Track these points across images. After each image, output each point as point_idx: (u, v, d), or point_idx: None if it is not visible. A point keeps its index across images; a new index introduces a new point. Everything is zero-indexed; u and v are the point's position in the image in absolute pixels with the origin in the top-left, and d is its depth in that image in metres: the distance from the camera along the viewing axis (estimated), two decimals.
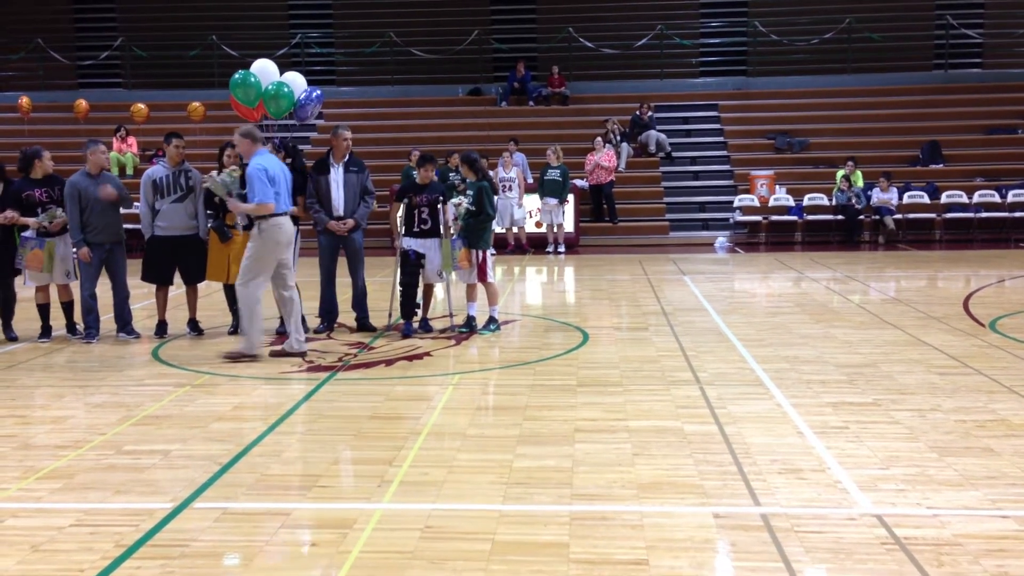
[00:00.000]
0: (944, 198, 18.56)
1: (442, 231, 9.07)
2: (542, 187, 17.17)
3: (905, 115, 21.55)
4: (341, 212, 9.14)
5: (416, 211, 9.04)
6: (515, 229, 17.20)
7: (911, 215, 18.32)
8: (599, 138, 18.62)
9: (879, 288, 12.41)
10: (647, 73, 23.80)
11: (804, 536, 4.23)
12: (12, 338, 9.03)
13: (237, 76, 9.60)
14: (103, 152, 9.04)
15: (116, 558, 4.09)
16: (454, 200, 8.95)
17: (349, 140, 9.17)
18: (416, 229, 9.05)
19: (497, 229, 16.92)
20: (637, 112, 20.97)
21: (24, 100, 21.60)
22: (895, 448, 5.47)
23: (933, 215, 18.46)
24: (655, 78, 23.58)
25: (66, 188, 8.78)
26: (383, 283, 10.85)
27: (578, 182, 18.08)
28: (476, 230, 9.03)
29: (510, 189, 16.91)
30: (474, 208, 8.91)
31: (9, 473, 5.24)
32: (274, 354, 8.25)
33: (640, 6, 25.07)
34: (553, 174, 17.08)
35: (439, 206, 9.03)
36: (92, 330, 8.99)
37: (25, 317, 9.43)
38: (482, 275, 9.13)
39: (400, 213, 9.18)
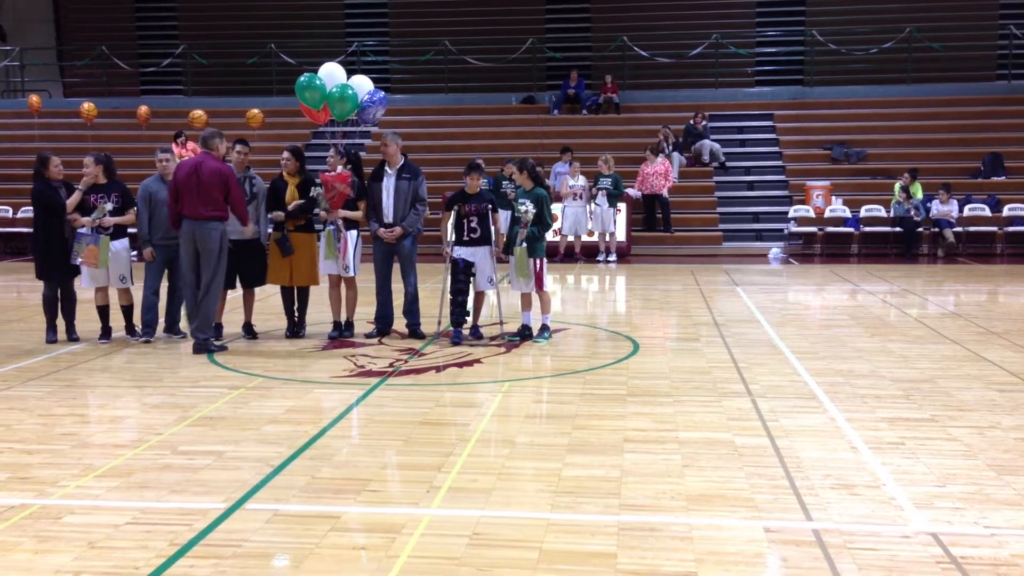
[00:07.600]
0: (1006, 211, 18.15)
1: (494, 239, 9.11)
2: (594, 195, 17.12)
3: (966, 126, 21.11)
4: (390, 219, 9.22)
5: (465, 220, 9.09)
6: (584, 237, 17.13)
7: (971, 228, 17.94)
8: (660, 151, 18.63)
9: (937, 302, 12.17)
10: (702, 82, 23.66)
11: (857, 553, 4.17)
12: (74, 339, 9.23)
13: (303, 79, 9.62)
14: (165, 160, 9.19)
15: (170, 556, 4.16)
16: (521, 207, 8.96)
17: (388, 147, 9.15)
18: (466, 238, 9.09)
19: (569, 237, 16.98)
20: (691, 121, 20.83)
21: (88, 106, 22.13)
22: (952, 465, 5.36)
23: (994, 228, 18.05)
24: (710, 87, 23.43)
25: (139, 191, 9.05)
26: (433, 289, 10.90)
27: (631, 191, 18.01)
28: (534, 239, 9.05)
29: (580, 196, 16.88)
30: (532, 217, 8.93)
31: (68, 471, 5.36)
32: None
33: (695, 15, 24.99)
34: (605, 183, 17.03)
35: (489, 215, 9.08)
36: (149, 329, 9.17)
37: (86, 319, 9.64)
38: (539, 283, 9.14)
39: (451, 222, 9.24)
